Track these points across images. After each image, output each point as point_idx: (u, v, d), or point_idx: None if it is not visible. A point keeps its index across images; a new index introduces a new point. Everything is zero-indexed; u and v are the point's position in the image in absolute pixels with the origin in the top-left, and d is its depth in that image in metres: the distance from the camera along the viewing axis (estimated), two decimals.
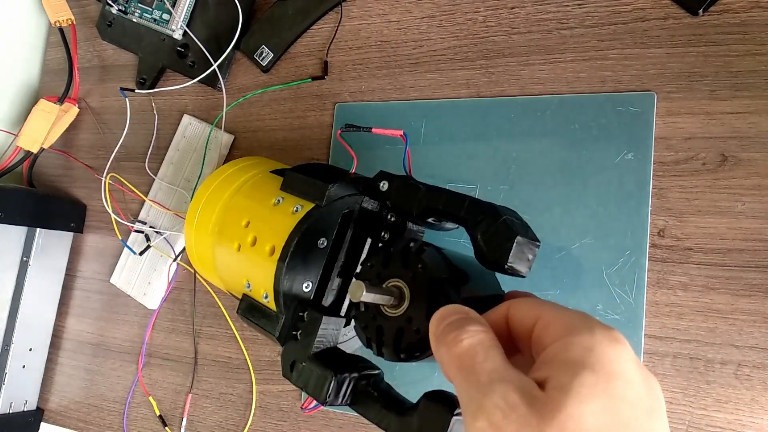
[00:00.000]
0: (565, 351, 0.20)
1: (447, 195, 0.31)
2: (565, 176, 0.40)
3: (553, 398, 0.19)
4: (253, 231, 0.36)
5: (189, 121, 0.54)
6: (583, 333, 0.20)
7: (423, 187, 0.33)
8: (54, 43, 0.62)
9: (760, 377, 0.35)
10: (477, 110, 0.43)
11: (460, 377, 0.21)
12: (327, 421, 0.46)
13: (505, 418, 0.19)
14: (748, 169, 0.36)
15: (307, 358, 0.33)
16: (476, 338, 0.22)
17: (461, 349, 0.22)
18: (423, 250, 0.30)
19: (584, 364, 0.19)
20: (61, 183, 0.60)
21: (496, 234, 0.28)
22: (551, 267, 0.40)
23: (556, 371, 0.20)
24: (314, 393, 0.32)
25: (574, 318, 0.21)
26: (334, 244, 0.36)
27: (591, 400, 0.18)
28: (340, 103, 0.48)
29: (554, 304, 0.23)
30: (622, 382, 0.19)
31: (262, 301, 0.35)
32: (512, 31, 0.43)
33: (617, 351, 0.20)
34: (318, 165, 0.40)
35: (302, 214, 0.35)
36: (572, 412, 0.18)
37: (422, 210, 0.32)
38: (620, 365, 0.20)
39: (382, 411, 0.30)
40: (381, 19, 0.47)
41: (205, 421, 0.50)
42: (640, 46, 0.39)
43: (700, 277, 0.37)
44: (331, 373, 0.31)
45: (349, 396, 0.32)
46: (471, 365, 0.21)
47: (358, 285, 0.28)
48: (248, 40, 0.51)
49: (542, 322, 0.22)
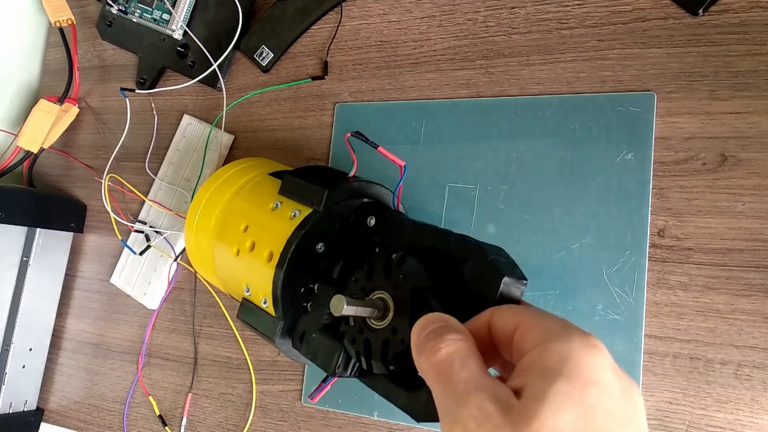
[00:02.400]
0: (542, 359, 0.20)
1: (434, 232, 0.31)
2: (565, 176, 0.40)
3: (528, 407, 0.19)
4: (251, 236, 0.36)
5: (189, 121, 0.54)
6: (560, 340, 0.20)
7: (409, 223, 0.33)
8: (54, 43, 0.62)
9: (760, 377, 0.35)
10: (477, 110, 0.43)
11: (437, 386, 0.21)
12: (327, 421, 0.46)
13: (479, 427, 0.19)
14: (748, 169, 0.36)
15: (317, 330, 0.33)
16: (453, 347, 0.22)
17: (438, 358, 0.22)
18: (404, 261, 0.30)
19: (560, 372, 0.19)
20: (61, 183, 0.60)
21: (483, 274, 0.28)
22: (551, 267, 0.40)
23: (532, 379, 0.20)
24: (323, 363, 0.32)
25: (553, 324, 0.21)
26: (333, 249, 0.35)
27: (565, 408, 0.18)
28: (340, 103, 0.48)
29: (537, 311, 0.23)
30: (597, 390, 0.19)
31: (261, 306, 0.35)
32: (512, 31, 0.43)
33: (594, 358, 0.20)
34: (316, 168, 0.40)
35: (300, 219, 0.34)
36: (545, 421, 0.18)
37: (408, 246, 0.32)
38: (597, 373, 0.19)
39: (391, 384, 0.30)
40: (381, 19, 0.47)
41: (205, 421, 0.50)
42: (640, 46, 0.39)
43: (700, 277, 0.37)
44: (341, 345, 0.31)
45: (357, 369, 0.32)
46: (448, 375, 0.21)
47: (339, 299, 0.28)
48: (248, 40, 0.51)
49: (522, 328, 0.22)
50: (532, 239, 0.40)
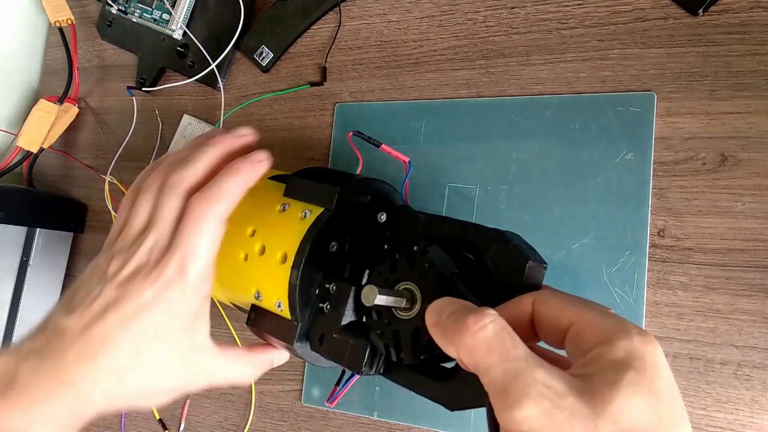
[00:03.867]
0: (608, 353, 0.21)
1: (449, 222, 0.31)
2: (565, 176, 0.40)
3: (603, 392, 0.19)
4: (260, 239, 0.35)
5: (189, 121, 0.54)
6: (623, 338, 0.21)
7: (423, 216, 0.32)
8: (54, 43, 0.62)
9: (760, 377, 0.35)
10: (477, 110, 0.43)
11: (490, 361, 0.21)
12: (326, 421, 0.46)
13: (555, 406, 0.19)
14: (748, 169, 0.36)
15: (338, 330, 0.33)
16: (500, 324, 0.22)
17: (487, 334, 0.22)
18: (427, 250, 0.30)
19: (628, 364, 0.20)
20: (61, 183, 0.60)
21: (506, 260, 0.28)
22: (551, 267, 0.39)
23: (601, 369, 0.20)
24: (350, 363, 0.32)
25: (611, 321, 0.22)
26: (345, 248, 0.35)
27: (638, 396, 0.19)
28: (340, 103, 0.48)
29: (582, 304, 0.24)
30: (662, 382, 0.20)
31: (275, 311, 0.35)
32: (512, 31, 0.43)
33: (655, 353, 0.21)
34: (318, 169, 0.39)
35: (312, 219, 0.34)
36: (622, 405, 0.19)
37: (425, 239, 0.31)
38: (659, 367, 0.21)
39: (418, 377, 0.30)
40: (381, 19, 0.47)
41: (205, 421, 0.50)
42: (640, 46, 0.39)
43: (700, 277, 0.37)
44: (367, 342, 0.31)
45: (382, 365, 0.32)
46: (502, 351, 0.21)
47: (371, 289, 0.28)
48: (248, 40, 0.51)
49: (578, 325, 0.23)
50: (532, 239, 0.40)
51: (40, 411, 0.28)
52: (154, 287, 0.30)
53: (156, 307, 0.30)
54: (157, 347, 0.31)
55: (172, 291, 0.30)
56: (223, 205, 0.32)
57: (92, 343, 0.29)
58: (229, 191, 0.32)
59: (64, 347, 0.29)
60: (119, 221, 0.34)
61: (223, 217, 0.32)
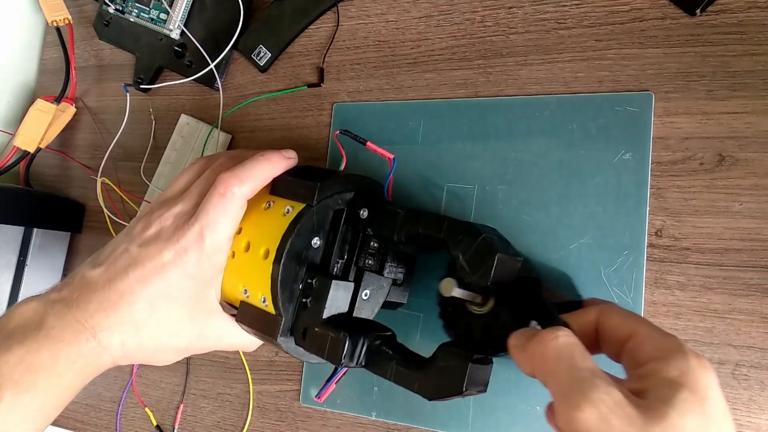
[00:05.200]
0: (663, 370, 0.22)
1: (426, 217, 0.32)
2: (563, 176, 0.40)
3: (657, 407, 0.21)
4: (245, 237, 0.37)
5: (186, 121, 0.54)
6: (678, 357, 0.23)
7: (402, 211, 0.34)
8: (51, 43, 0.62)
9: (758, 377, 0.35)
10: (475, 110, 0.43)
11: (558, 367, 0.23)
12: (325, 421, 0.45)
13: (612, 412, 0.20)
14: (746, 169, 0.36)
15: (320, 324, 0.33)
16: (572, 338, 0.24)
17: (560, 344, 0.24)
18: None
19: (682, 384, 0.21)
20: (59, 183, 0.60)
21: (476, 252, 0.29)
22: (550, 267, 0.40)
23: (655, 385, 0.22)
24: (330, 355, 0.32)
25: (669, 340, 0.24)
26: (329, 243, 0.36)
27: (690, 415, 0.21)
28: (338, 103, 0.48)
29: (644, 320, 0.26)
30: (713, 405, 0.21)
31: (260, 306, 0.35)
32: (510, 31, 0.43)
33: (709, 377, 0.22)
34: (306, 167, 0.41)
35: (294, 214, 0.35)
36: (675, 422, 0.20)
37: (403, 235, 0.33)
38: (711, 390, 0.22)
39: (399, 368, 0.32)
40: (379, 18, 0.47)
41: (203, 421, 0.50)
42: (637, 46, 0.39)
43: (698, 277, 0.37)
44: (345, 334, 0.32)
45: (364, 357, 0.33)
46: (571, 360, 0.23)
47: (449, 281, 0.30)
48: (246, 40, 0.51)
49: (637, 338, 0.25)
50: (531, 239, 0.40)
51: (64, 353, 0.31)
52: (173, 251, 0.33)
53: (173, 270, 0.33)
54: (171, 305, 0.34)
55: (189, 256, 0.33)
56: (248, 186, 0.35)
57: (113, 295, 0.32)
58: (256, 175, 0.35)
59: (88, 297, 0.32)
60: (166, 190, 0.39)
61: (247, 197, 0.35)
